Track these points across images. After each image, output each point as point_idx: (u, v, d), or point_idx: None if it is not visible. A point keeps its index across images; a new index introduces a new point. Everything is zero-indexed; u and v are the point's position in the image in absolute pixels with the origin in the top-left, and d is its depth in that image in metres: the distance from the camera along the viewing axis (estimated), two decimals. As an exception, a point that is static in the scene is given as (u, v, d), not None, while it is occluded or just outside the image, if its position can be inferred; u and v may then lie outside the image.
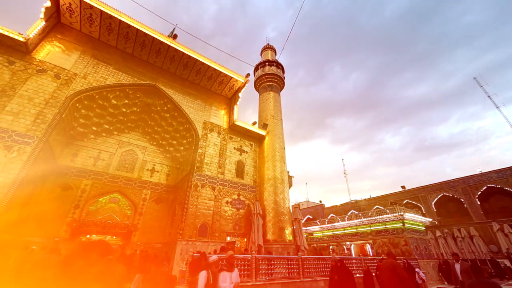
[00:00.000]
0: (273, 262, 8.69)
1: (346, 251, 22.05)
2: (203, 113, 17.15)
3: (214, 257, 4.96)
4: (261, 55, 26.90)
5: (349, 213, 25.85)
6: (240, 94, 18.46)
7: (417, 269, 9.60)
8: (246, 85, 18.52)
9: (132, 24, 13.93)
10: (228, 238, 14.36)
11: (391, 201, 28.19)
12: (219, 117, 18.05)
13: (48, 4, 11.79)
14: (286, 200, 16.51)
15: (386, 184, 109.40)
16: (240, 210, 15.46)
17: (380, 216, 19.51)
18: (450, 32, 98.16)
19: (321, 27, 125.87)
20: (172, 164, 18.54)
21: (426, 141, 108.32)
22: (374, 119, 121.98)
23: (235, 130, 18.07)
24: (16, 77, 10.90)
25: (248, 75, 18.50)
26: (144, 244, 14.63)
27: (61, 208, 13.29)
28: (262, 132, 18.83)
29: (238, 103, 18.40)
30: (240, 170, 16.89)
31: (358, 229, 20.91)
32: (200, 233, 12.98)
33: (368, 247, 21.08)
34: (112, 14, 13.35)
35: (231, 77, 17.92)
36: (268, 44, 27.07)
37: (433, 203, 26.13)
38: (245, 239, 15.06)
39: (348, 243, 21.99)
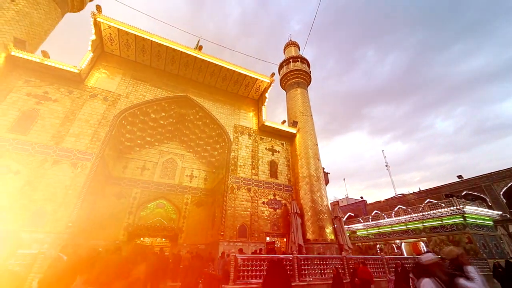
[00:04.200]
0: (315, 262, 8.45)
1: (396, 250, 20.27)
2: (232, 117, 17.64)
3: (430, 256, 3.00)
4: (284, 52, 26.58)
5: (395, 209, 23.73)
6: (266, 95, 18.50)
7: (411, 274, 7.44)
8: (272, 84, 18.48)
9: (162, 42, 15.10)
10: (268, 239, 14.44)
11: (446, 193, 24.98)
12: (248, 119, 18.35)
13: (94, 37, 13.57)
14: (324, 198, 15.92)
15: (439, 174, 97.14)
16: (277, 210, 15.42)
17: (434, 211, 17.49)
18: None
19: (348, 10, 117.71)
20: (208, 169, 19.45)
21: (488, 121, 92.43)
22: (418, 103, 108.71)
23: (265, 130, 18.15)
24: (75, 103, 12.73)
25: (273, 74, 18.45)
26: (190, 245, 15.60)
27: (118, 214, 15.00)
28: (293, 130, 18.54)
29: (265, 103, 18.47)
30: (273, 170, 16.87)
31: (408, 226, 19.08)
32: (240, 234, 13.32)
33: (422, 245, 19.05)
34: (144, 36, 14.67)
35: (256, 79, 18.08)
36: (290, 40, 26.64)
37: (501, 193, 22.37)
38: (285, 239, 14.95)
39: (397, 241, 20.21)
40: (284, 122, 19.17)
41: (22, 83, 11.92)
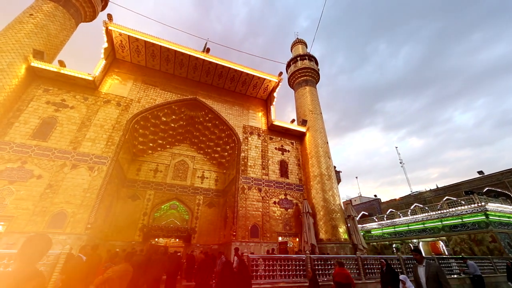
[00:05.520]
0: (329, 262, 8.32)
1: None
2: (241, 118, 17.71)
3: None
4: (291, 51, 26.40)
5: (412, 207, 22.95)
6: (275, 94, 18.43)
7: (402, 277, 6.72)
8: (280, 83, 18.39)
9: (170, 47, 15.41)
10: (280, 239, 14.37)
11: (466, 190, 23.86)
12: (257, 119, 18.35)
13: (106, 45, 14.06)
14: (336, 197, 15.66)
15: (458, 170, 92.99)
16: (289, 210, 15.32)
17: (454, 209, 16.74)
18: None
19: (358, 3, 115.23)
20: (219, 170, 19.63)
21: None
22: (435, 96, 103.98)
23: (274, 130, 18.09)
24: (90, 110, 13.25)
25: (280, 73, 18.36)
26: (203, 245, 15.81)
27: (133, 215, 15.45)
28: (302, 129, 18.36)
29: (274, 103, 18.40)
30: (284, 169, 16.78)
31: (425, 225, 18.37)
32: (252, 234, 13.35)
33: (441, 244, 18.32)
34: (153, 41, 15.03)
35: (264, 79, 18.06)
36: (297, 38, 26.41)
37: (527, 189, 21.07)
38: (297, 239, 14.83)
39: (414, 240, 19.52)
40: (293, 121, 19.03)
41: (41, 92, 12.55)
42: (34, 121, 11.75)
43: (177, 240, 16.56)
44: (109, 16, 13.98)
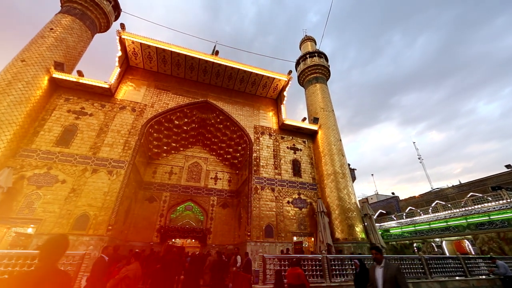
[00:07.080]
0: (347, 262, 8.13)
1: (436, 249, 18.70)
2: (252, 118, 17.76)
3: None
4: (300, 48, 26.12)
5: (433, 204, 21.91)
6: (285, 93, 18.31)
7: None
8: (290, 82, 18.24)
9: (180, 51, 15.76)
10: (295, 238, 14.25)
11: (493, 185, 22.41)
12: (268, 119, 18.32)
13: (120, 53, 14.64)
14: (351, 195, 15.28)
15: (483, 165, 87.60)
16: (303, 209, 15.15)
17: (480, 206, 15.81)
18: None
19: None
20: (232, 171, 19.78)
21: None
22: (456, 87, 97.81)
23: (285, 129, 17.97)
24: (107, 116, 13.84)
25: (290, 72, 18.21)
26: (218, 246, 15.99)
27: (151, 217, 15.94)
28: (314, 127, 18.09)
29: (284, 102, 18.29)
30: (296, 169, 16.62)
31: (449, 223, 17.48)
32: (266, 234, 13.34)
33: (467, 243, 17.36)
34: (164, 47, 15.44)
35: (274, 78, 17.99)
36: (306, 35, 26.09)
37: None
38: (312, 239, 14.63)
39: (437, 239, 18.63)
40: (304, 119, 18.80)
41: (63, 101, 13.29)
42: (57, 129, 12.46)
43: (193, 240, 16.87)
44: (122, 26, 14.53)
